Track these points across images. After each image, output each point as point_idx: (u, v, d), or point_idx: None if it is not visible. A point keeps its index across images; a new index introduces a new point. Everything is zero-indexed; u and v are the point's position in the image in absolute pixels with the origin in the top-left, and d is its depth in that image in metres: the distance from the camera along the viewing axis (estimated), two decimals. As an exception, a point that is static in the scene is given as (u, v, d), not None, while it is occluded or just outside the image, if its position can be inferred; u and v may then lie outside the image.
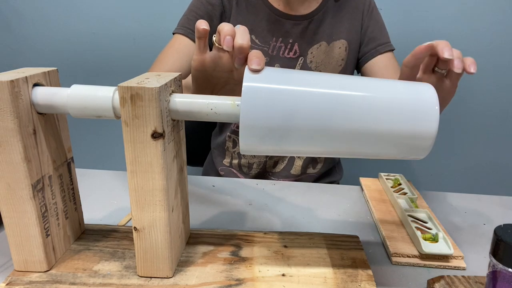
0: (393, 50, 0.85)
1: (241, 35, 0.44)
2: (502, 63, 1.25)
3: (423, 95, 0.40)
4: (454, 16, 1.21)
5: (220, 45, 0.45)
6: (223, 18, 0.81)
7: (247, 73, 0.40)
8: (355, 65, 0.88)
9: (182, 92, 0.45)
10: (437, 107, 0.39)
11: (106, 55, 1.32)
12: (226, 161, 0.91)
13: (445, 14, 1.21)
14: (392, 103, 0.39)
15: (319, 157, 0.91)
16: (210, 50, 0.49)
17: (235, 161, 0.89)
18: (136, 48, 1.30)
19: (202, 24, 0.45)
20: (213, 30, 0.79)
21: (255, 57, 0.40)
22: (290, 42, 0.81)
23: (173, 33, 0.81)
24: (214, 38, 0.47)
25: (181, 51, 0.78)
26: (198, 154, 1.04)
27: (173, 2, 1.25)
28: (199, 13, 0.80)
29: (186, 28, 0.79)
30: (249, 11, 0.81)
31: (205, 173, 0.99)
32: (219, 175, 0.92)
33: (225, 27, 0.44)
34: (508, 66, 1.25)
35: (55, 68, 0.46)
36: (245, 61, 0.44)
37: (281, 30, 0.81)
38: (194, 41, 0.77)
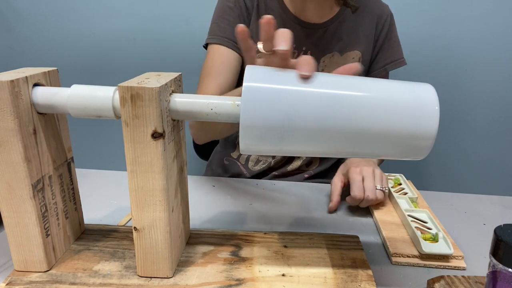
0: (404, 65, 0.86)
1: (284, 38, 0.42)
2: (502, 62, 1.25)
3: (423, 95, 0.40)
4: (452, 16, 1.21)
5: (268, 52, 0.44)
6: (248, 19, 0.81)
7: (247, 73, 0.40)
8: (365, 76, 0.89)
9: (182, 92, 0.45)
10: (437, 107, 0.39)
11: (106, 55, 1.31)
12: (235, 154, 0.91)
13: (444, 15, 1.21)
14: (392, 103, 0.39)
15: (314, 158, 0.91)
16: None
17: (244, 156, 0.90)
18: (136, 48, 1.30)
19: (246, 36, 0.45)
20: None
21: (306, 63, 0.40)
22: (303, 49, 0.81)
23: (208, 43, 0.80)
24: (260, 46, 0.45)
25: (225, 62, 0.77)
26: (207, 147, 1.04)
27: (173, 2, 1.25)
28: (229, 19, 0.79)
29: (221, 37, 0.78)
30: (267, 14, 0.80)
31: (209, 164, 0.99)
32: (223, 165, 0.92)
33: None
34: (508, 66, 1.25)
35: (55, 68, 0.46)
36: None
37: (296, 37, 0.80)
38: (232, 49, 0.77)
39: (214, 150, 1.01)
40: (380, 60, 0.86)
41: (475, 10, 1.20)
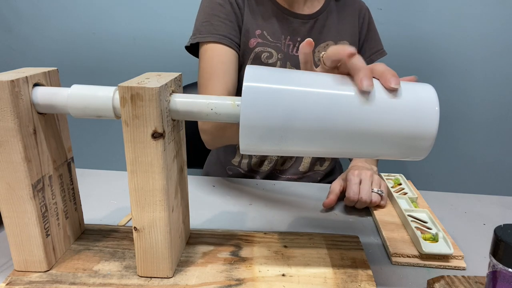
0: (384, 55, 0.89)
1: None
2: (500, 63, 1.25)
3: (423, 96, 0.40)
4: (453, 16, 1.21)
5: (328, 66, 0.43)
6: (241, 13, 0.80)
7: (247, 73, 0.40)
8: None
9: (182, 92, 0.45)
10: (437, 108, 0.39)
11: (106, 55, 1.31)
12: (236, 160, 0.91)
13: (445, 14, 1.21)
14: (392, 103, 0.39)
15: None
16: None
17: (245, 161, 0.89)
18: (136, 48, 1.30)
19: (311, 50, 0.44)
20: (239, 27, 0.79)
21: (393, 75, 0.39)
22: (298, 40, 0.82)
23: (199, 42, 0.78)
24: (323, 56, 0.44)
25: (225, 62, 0.77)
26: (197, 156, 1.04)
27: (173, 2, 1.25)
28: (221, 15, 0.77)
29: (217, 35, 0.76)
30: (259, 8, 0.81)
31: (205, 175, 0.98)
32: (227, 174, 0.92)
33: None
34: (507, 66, 1.25)
35: (55, 68, 0.46)
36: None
37: (289, 28, 0.82)
38: (230, 47, 0.77)
39: (208, 160, 1.00)
40: (366, 51, 0.89)
41: (475, 9, 1.20)
